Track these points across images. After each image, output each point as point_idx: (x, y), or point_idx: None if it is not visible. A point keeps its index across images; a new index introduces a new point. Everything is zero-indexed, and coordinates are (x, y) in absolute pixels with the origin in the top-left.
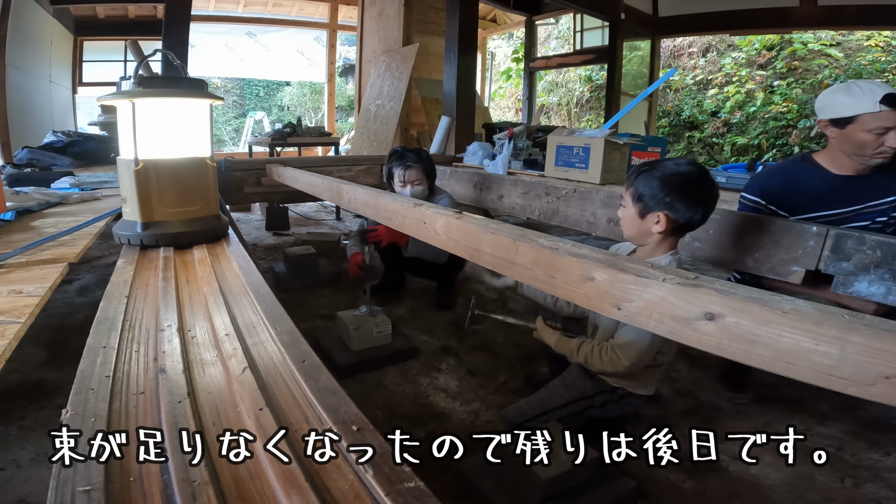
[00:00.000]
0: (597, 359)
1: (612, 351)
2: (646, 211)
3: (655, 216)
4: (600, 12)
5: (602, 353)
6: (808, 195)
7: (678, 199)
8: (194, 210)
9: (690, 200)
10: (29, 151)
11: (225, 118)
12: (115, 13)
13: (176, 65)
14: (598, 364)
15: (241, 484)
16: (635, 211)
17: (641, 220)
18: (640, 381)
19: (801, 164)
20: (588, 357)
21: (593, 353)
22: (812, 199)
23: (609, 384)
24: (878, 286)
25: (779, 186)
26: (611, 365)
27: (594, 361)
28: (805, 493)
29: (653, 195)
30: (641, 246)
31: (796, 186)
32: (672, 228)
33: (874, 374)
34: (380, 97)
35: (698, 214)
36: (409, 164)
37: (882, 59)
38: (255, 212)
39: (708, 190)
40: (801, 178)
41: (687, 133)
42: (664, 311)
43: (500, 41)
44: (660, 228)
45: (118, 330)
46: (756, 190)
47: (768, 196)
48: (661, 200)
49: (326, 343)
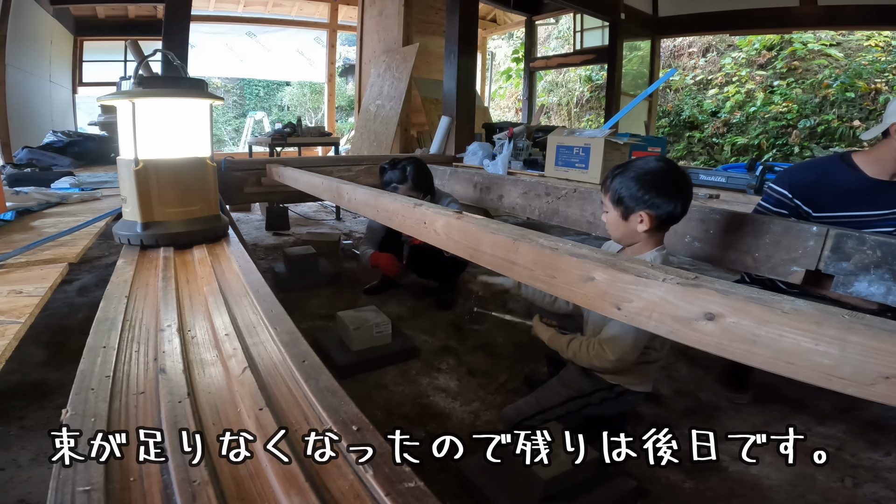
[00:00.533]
0: (584, 353)
1: (598, 346)
2: (628, 212)
3: (638, 216)
4: (600, 12)
5: (589, 348)
6: (838, 194)
7: (656, 195)
8: (194, 210)
9: (668, 195)
10: (29, 151)
11: (225, 118)
12: (115, 13)
13: (176, 65)
14: (585, 358)
15: (241, 484)
16: (618, 214)
17: (626, 221)
18: (635, 377)
19: (838, 162)
20: (576, 352)
21: (581, 348)
22: (840, 198)
23: (606, 382)
24: (878, 286)
25: (810, 182)
26: (597, 359)
27: (582, 356)
28: (805, 493)
29: (632, 196)
30: (629, 246)
31: (828, 183)
32: (656, 225)
33: (874, 374)
34: (380, 97)
35: (678, 207)
36: (395, 185)
37: (882, 59)
38: (255, 212)
39: (682, 183)
40: (835, 175)
41: (687, 133)
42: (664, 311)
43: (500, 41)
44: (644, 227)
45: (118, 330)
46: (785, 183)
47: (796, 189)
48: (640, 199)
49: (326, 343)
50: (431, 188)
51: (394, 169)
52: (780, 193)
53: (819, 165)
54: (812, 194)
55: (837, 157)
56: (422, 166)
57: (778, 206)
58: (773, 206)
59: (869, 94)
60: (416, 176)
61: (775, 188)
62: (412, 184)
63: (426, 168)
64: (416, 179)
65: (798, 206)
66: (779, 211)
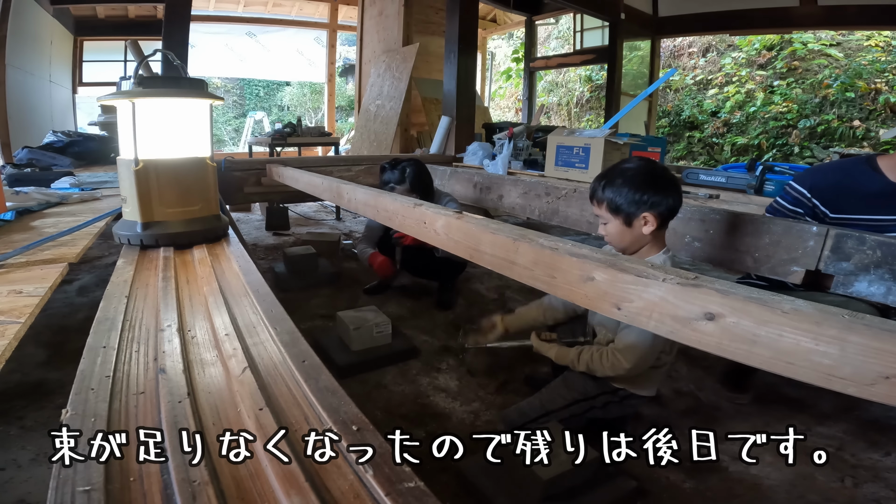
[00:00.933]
0: (598, 364)
1: (613, 355)
2: (631, 218)
3: (642, 219)
4: (600, 12)
5: (603, 358)
6: (860, 197)
7: (654, 193)
8: (194, 210)
9: (663, 190)
10: (29, 151)
11: (225, 118)
12: (115, 13)
13: (176, 65)
14: (600, 370)
15: (241, 484)
16: (619, 222)
17: (630, 228)
18: (643, 382)
19: (862, 165)
20: (589, 364)
21: (593, 360)
22: (862, 201)
23: (611, 385)
24: (878, 286)
25: (832, 183)
26: (612, 369)
27: (596, 367)
28: (805, 493)
29: (630, 200)
30: (635, 252)
31: (850, 186)
32: (660, 223)
33: (874, 374)
34: (380, 97)
35: (676, 200)
36: (392, 186)
37: (882, 59)
38: (255, 212)
39: (669, 175)
40: (858, 178)
41: (687, 133)
42: (664, 311)
43: (500, 41)
44: (650, 228)
45: (118, 330)
46: (806, 183)
47: (816, 191)
48: (640, 202)
49: (326, 343)
50: (430, 191)
51: (393, 169)
52: (798, 192)
53: (844, 167)
54: (832, 196)
55: (863, 159)
56: (422, 169)
57: (794, 204)
58: (789, 205)
59: (869, 94)
60: (415, 178)
61: (795, 186)
62: (409, 186)
63: (426, 171)
64: (414, 182)
65: (815, 206)
66: (794, 209)
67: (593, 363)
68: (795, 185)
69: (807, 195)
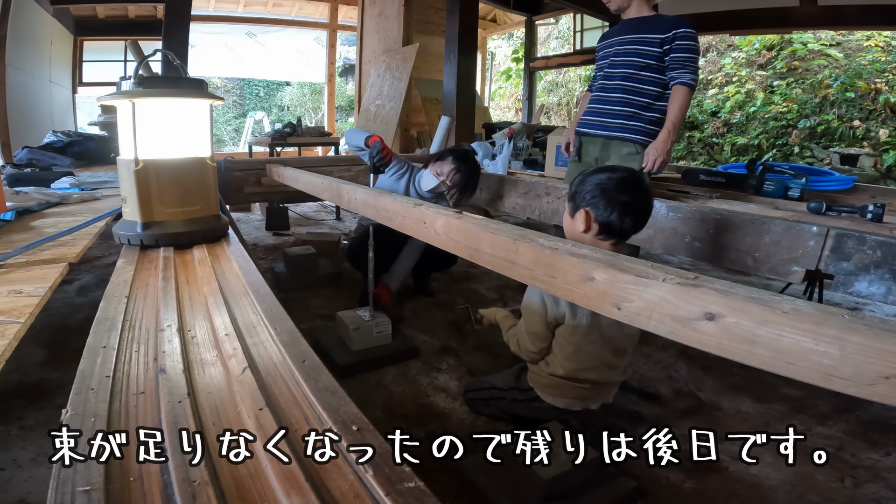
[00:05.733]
0: (512, 337)
1: (518, 328)
2: (574, 210)
3: (582, 213)
4: (600, 12)
5: (513, 330)
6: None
7: (599, 197)
8: (194, 210)
9: (609, 201)
10: (29, 151)
11: (225, 118)
12: (115, 13)
13: (176, 65)
14: (513, 344)
15: (241, 484)
16: (568, 210)
17: (571, 219)
18: (553, 389)
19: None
20: (507, 335)
21: (510, 332)
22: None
23: (525, 384)
24: (878, 286)
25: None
26: (515, 344)
27: (510, 339)
28: (805, 493)
29: (578, 192)
30: None
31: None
32: (596, 232)
33: (874, 374)
34: (380, 97)
35: (617, 218)
36: (461, 169)
37: (882, 59)
38: (255, 212)
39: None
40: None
41: (687, 133)
42: (664, 311)
43: (500, 41)
44: (581, 227)
45: (118, 330)
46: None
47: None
48: (582, 197)
49: (326, 343)
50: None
51: (469, 161)
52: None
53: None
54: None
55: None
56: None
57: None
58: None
59: (869, 94)
60: (472, 179)
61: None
62: (465, 177)
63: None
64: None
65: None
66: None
67: (508, 334)
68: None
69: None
